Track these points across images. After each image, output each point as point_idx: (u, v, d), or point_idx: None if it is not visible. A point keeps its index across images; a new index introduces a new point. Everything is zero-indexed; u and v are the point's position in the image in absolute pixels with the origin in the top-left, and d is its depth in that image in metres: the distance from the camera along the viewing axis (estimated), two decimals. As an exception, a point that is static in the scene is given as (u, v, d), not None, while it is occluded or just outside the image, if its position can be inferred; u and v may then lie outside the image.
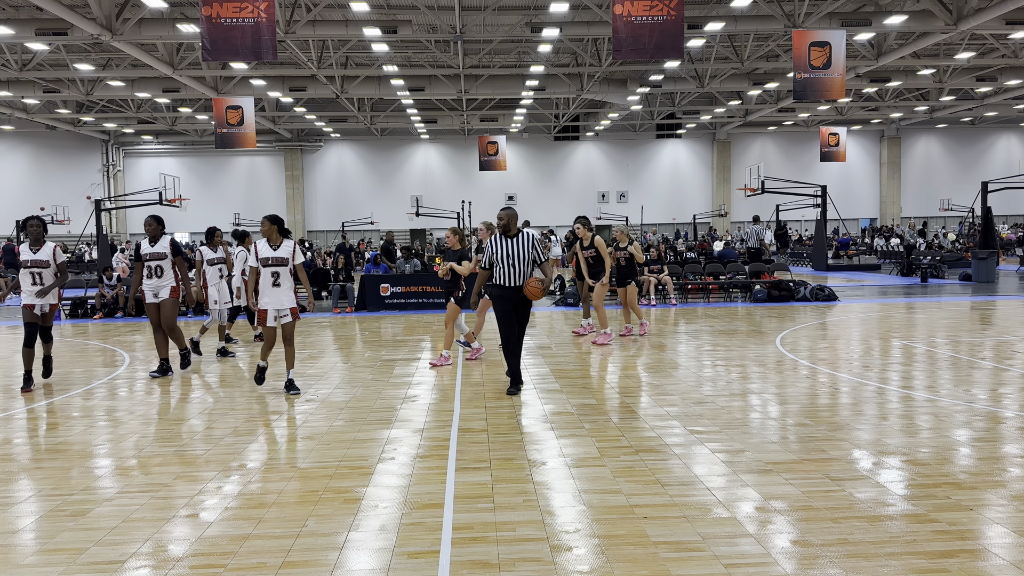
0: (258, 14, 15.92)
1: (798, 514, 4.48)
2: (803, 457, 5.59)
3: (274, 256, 8.13)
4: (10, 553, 4.14)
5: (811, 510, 4.53)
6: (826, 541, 4.09)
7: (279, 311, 8.19)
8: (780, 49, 28.04)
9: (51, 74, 27.26)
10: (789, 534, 4.20)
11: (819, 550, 3.98)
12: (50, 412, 7.65)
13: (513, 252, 7.98)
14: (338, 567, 3.90)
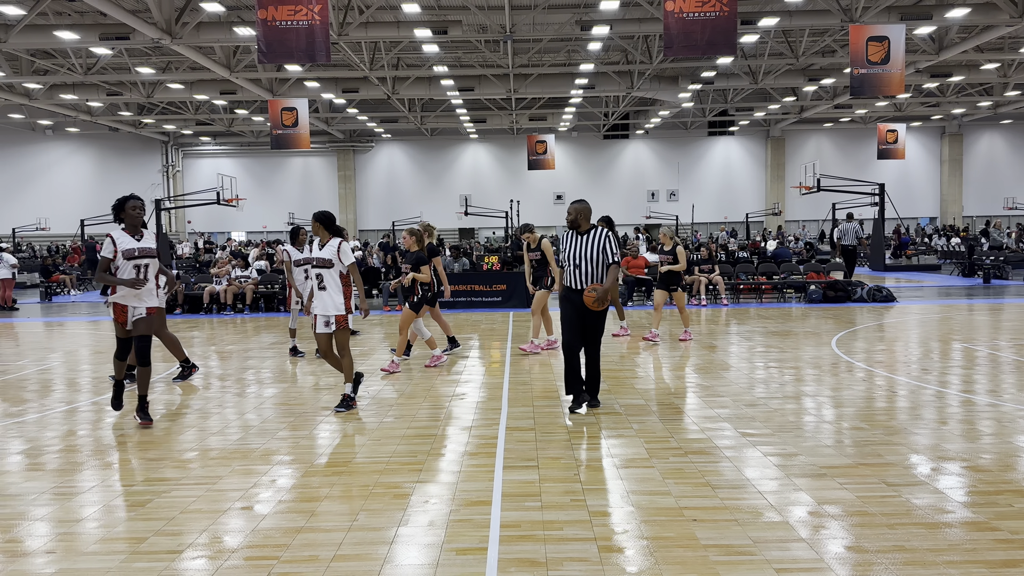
0: (312, 16, 16.18)
1: (853, 519, 4.39)
2: (858, 462, 5.47)
3: (318, 257, 7.37)
4: (74, 541, 4.29)
5: (866, 516, 4.44)
6: (882, 547, 4.00)
7: (326, 318, 7.36)
8: (836, 44, 27.43)
9: (114, 77, 28.11)
10: (843, 540, 4.12)
11: (874, 556, 3.90)
12: (109, 406, 7.89)
13: (582, 251, 7.03)
14: (388, 561, 3.95)
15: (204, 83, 30.34)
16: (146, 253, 6.90)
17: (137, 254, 6.82)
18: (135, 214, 6.89)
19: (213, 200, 31.83)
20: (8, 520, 4.62)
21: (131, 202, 6.91)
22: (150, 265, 6.95)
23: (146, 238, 6.94)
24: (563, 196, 45.65)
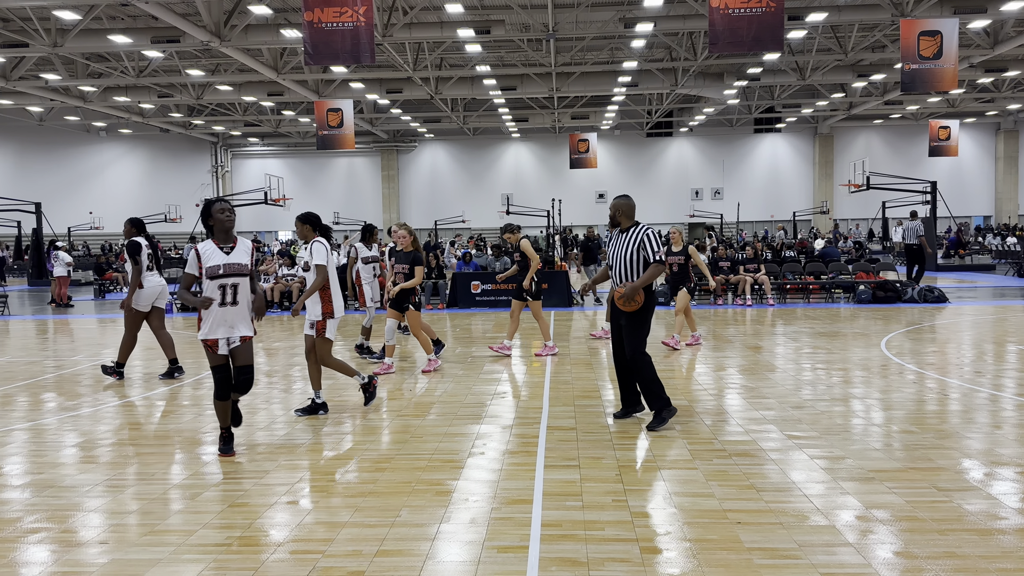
0: (357, 18, 16.35)
1: (902, 524, 4.29)
2: (908, 466, 5.35)
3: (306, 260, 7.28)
4: (125, 532, 4.40)
5: (916, 521, 4.34)
6: (932, 554, 3.91)
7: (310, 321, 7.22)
8: (887, 39, 26.84)
9: (165, 79, 28.77)
10: (892, 545, 4.03)
11: (924, 563, 3.81)
12: (161, 401, 8.09)
13: (619, 249, 6.66)
14: (430, 557, 3.98)
15: (252, 85, 30.88)
16: (235, 271, 5.67)
17: (222, 272, 5.62)
18: (223, 218, 5.75)
19: (261, 200, 32.38)
20: (63, 511, 4.76)
21: (218, 205, 5.80)
22: (240, 285, 5.70)
23: (237, 251, 5.74)
24: (605, 195, 45.43)
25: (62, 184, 44.32)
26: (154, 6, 18.62)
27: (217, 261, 5.66)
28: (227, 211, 5.80)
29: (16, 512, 4.76)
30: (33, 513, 4.73)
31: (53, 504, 4.88)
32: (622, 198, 6.78)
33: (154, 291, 9.34)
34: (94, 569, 3.90)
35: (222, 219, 5.73)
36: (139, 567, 3.92)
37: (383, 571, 3.83)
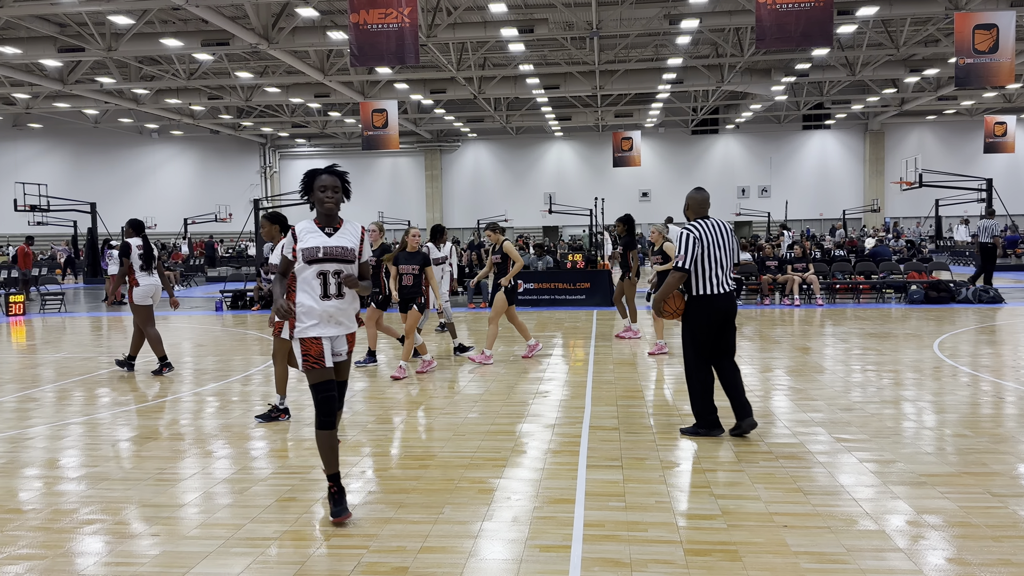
0: (402, 19, 16.48)
1: (954, 530, 4.18)
2: (961, 470, 5.22)
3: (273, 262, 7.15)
4: (176, 526, 4.51)
5: (969, 527, 4.22)
6: (986, 561, 3.80)
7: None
8: (940, 33, 26.15)
9: (214, 82, 29.36)
10: (944, 551, 3.93)
11: (977, 570, 3.71)
12: (211, 397, 8.26)
13: (723, 243, 6.03)
14: (473, 555, 4.00)
15: (299, 86, 31.35)
16: (336, 255, 4.51)
17: (321, 255, 4.48)
18: (323, 197, 4.53)
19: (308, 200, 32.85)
20: (116, 503, 4.89)
21: (320, 179, 4.54)
22: (344, 272, 4.53)
23: (342, 234, 4.58)
24: (648, 193, 45.10)
25: (116, 184, 45.50)
26: (204, 9, 19.01)
27: (315, 243, 4.50)
28: (327, 188, 4.52)
29: (72, 504, 4.90)
30: (88, 505, 4.87)
31: (107, 496, 5.02)
32: (693, 191, 6.23)
33: (148, 290, 9.68)
34: (146, 560, 4.01)
35: (322, 197, 4.52)
36: (189, 559, 4.01)
37: (427, 567, 3.86)
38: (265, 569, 3.88)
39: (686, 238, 5.97)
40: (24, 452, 6.17)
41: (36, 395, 8.44)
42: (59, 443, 6.42)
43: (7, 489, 5.23)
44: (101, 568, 3.93)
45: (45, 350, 11.84)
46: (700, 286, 6.03)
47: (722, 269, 6.01)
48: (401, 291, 9.00)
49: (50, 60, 24.53)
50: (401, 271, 9.01)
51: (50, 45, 23.26)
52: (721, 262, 6.01)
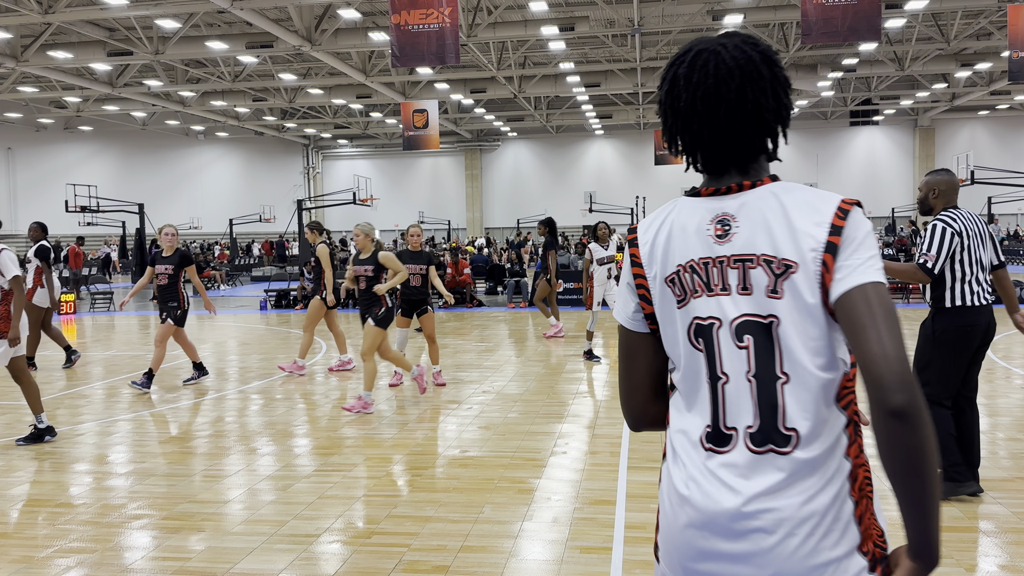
0: (443, 19, 16.54)
1: (1007, 536, 4.05)
2: (1016, 475, 5.06)
3: None
4: (221, 521, 4.57)
5: (1023, 533, 4.09)
6: (1043, 570, 3.68)
7: None
8: (992, 26, 25.43)
9: (259, 84, 29.81)
10: (996, 558, 3.81)
11: (1035, 580, 3.59)
12: (256, 395, 8.38)
13: (983, 240, 4.67)
14: (513, 555, 3.99)
15: (341, 88, 31.67)
16: None
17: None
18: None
19: (350, 200, 33.18)
20: (163, 499, 4.98)
21: None
22: None
23: None
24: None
25: (163, 185, 46.46)
26: (249, 12, 19.30)
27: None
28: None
29: (121, 499, 5.01)
30: (136, 500, 4.97)
31: (155, 492, 5.12)
32: (942, 174, 4.82)
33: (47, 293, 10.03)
34: (192, 555, 4.07)
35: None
36: (234, 555, 4.06)
37: (467, 567, 3.86)
38: (308, 565, 3.92)
39: (941, 230, 4.56)
40: (75, 448, 6.32)
41: (86, 392, 8.65)
42: (108, 439, 6.57)
43: (58, 484, 5.36)
44: (148, 562, 4.00)
45: (95, 348, 12.13)
46: (957, 295, 4.59)
47: (983, 272, 4.64)
48: (409, 292, 8.28)
49: (99, 64, 25.14)
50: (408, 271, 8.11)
51: (99, 49, 23.84)
52: (981, 263, 4.62)
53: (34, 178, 44.61)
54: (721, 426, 1.46)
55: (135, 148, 45.69)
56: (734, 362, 1.45)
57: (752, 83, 1.46)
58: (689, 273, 1.49)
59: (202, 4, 19.24)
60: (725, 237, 1.47)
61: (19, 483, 5.39)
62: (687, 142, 1.54)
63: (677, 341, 1.52)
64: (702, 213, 1.51)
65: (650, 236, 1.56)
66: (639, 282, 1.56)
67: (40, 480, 5.45)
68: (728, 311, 1.45)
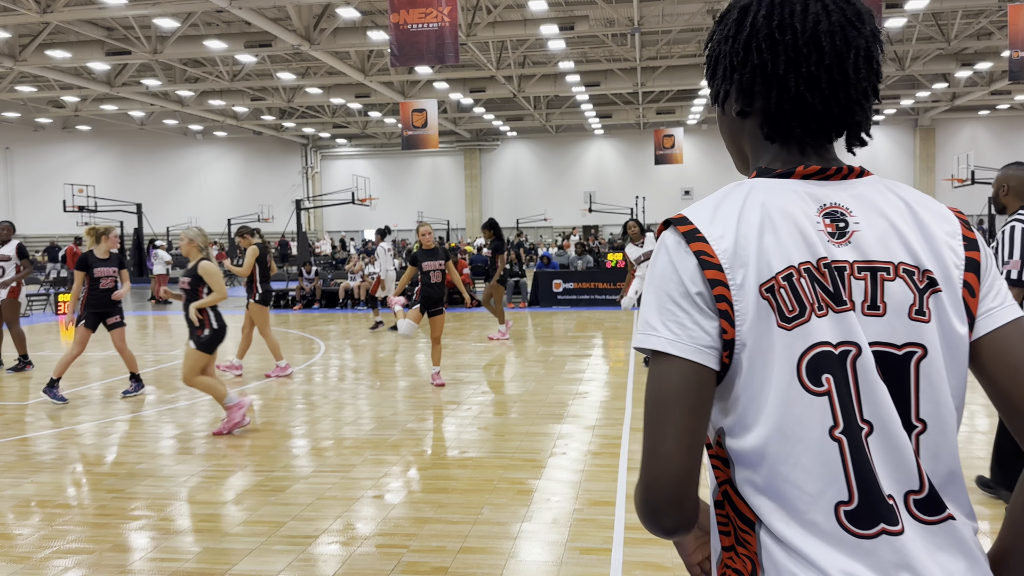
0: (442, 19, 16.53)
1: None
2: (1018, 476, 5.03)
3: None
4: (219, 523, 4.55)
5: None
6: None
7: None
8: (993, 26, 25.43)
9: (257, 83, 29.77)
10: None
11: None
12: (254, 395, 8.35)
13: None
14: (512, 556, 3.97)
15: (340, 87, 31.64)
16: None
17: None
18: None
19: (348, 200, 33.17)
20: (161, 500, 4.96)
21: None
22: None
23: None
24: (691, 191, 44.63)
25: (162, 185, 46.42)
26: (247, 11, 19.27)
27: None
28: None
29: (119, 500, 4.98)
30: (134, 501, 4.95)
31: (152, 493, 5.09)
32: (1014, 168, 4.61)
33: None
34: (190, 556, 4.05)
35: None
36: (232, 556, 4.04)
37: (466, 568, 3.84)
38: (306, 567, 3.90)
39: (1022, 233, 4.15)
40: (73, 448, 6.30)
41: (84, 392, 8.62)
42: (106, 440, 6.54)
43: (56, 484, 5.33)
44: (146, 563, 3.98)
45: (93, 348, 12.10)
46: None
47: None
48: (431, 290, 8.43)
49: (97, 63, 25.10)
50: (426, 269, 8.44)
51: (98, 49, 23.79)
52: None
53: (32, 178, 44.55)
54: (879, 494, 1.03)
55: (133, 148, 45.64)
56: (879, 404, 1.05)
57: (877, 37, 1.16)
58: (806, 279, 1.06)
59: (200, 3, 19.20)
60: (841, 236, 1.10)
61: (17, 483, 5.36)
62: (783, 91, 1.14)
63: (768, 380, 1.05)
64: (802, 200, 1.12)
65: (729, 226, 1.09)
66: (719, 292, 1.07)
67: (38, 480, 5.42)
68: (861, 335, 1.06)
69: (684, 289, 1.08)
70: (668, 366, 1.06)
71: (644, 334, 1.09)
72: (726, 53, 1.18)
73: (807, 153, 1.18)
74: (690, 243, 1.10)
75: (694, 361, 1.05)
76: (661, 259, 1.12)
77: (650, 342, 1.08)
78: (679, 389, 1.05)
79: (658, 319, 1.08)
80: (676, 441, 1.04)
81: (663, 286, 1.10)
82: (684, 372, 1.05)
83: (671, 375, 1.06)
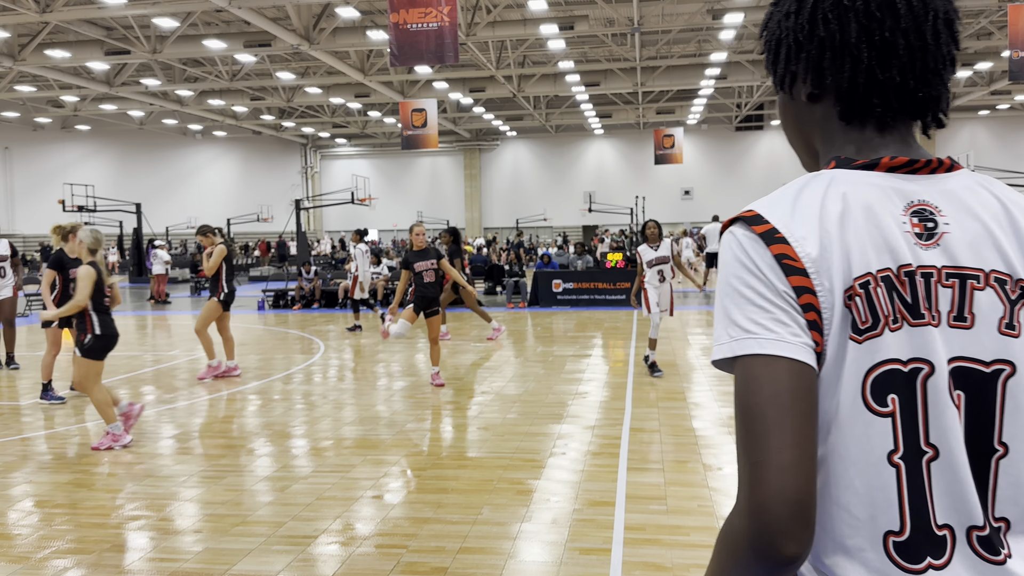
0: (441, 18, 16.51)
1: None
2: None
3: None
4: (219, 523, 4.54)
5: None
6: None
7: None
8: (993, 26, 25.43)
9: (257, 83, 29.77)
10: None
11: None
12: (253, 395, 8.34)
13: None
14: (512, 556, 3.96)
15: (340, 87, 31.63)
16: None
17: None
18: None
19: (348, 200, 33.16)
20: (160, 500, 4.95)
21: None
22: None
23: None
24: (691, 191, 44.65)
25: (161, 185, 46.41)
26: (247, 11, 19.26)
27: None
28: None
29: (118, 500, 4.98)
30: (133, 501, 4.94)
31: (152, 493, 5.09)
32: None
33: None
34: (189, 556, 4.04)
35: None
36: (231, 556, 4.03)
37: (466, 568, 3.83)
38: (306, 567, 3.89)
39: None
40: (72, 448, 6.29)
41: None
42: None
43: (55, 485, 5.33)
44: (145, 564, 3.97)
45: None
46: None
47: None
48: (425, 289, 8.35)
49: (97, 63, 25.09)
50: (418, 269, 8.32)
51: (97, 48, 23.78)
52: None
53: (31, 177, 44.53)
54: (931, 526, 0.95)
55: (133, 147, 45.63)
56: (947, 429, 0.96)
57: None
58: (883, 288, 0.96)
59: (200, 3, 19.19)
60: (929, 237, 0.99)
61: (17, 483, 5.36)
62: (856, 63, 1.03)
63: (834, 396, 0.96)
64: (887, 196, 1.01)
65: (812, 225, 0.98)
66: (806, 300, 0.95)
67: (37, 481, 5.41)
68: (939, 351, 0.96)
69: (773, 286, 0.95)
70: (773, 368, 0.93)
71: (737, 340, 0.96)
72: (789, 30, 1.08)
73: (890, 138, 1.06)
74: (769, 245, 0.98)
75: (804, 361, 0.93)
76: (736, 257, 0.99)
77: (748, 346, 0.94)
78: (793, 391, 0.92)
79: (747, 320, 0.96)
80: (797, 449, 0.90)
81: (746, 285, 0.97)
82: (796, 372, 0.93)
83: (780, 376, 0.92)
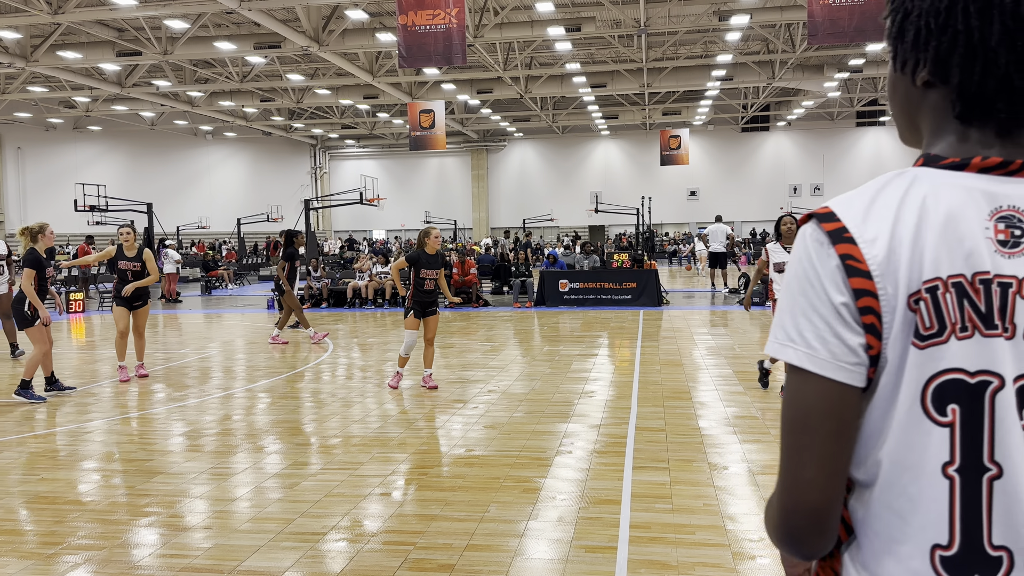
0: (449, 20, 16.56)
1: None
2: None
3: None
4: (228, 519, 4.60)
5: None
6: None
7: None
8: (1002, 25, 25.33)
9: (267, 84, 29.90)
10: None
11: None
12: (263, 393, 8.41)
13: None
14: (518, 554, 4.00)
15: (349, 88, 31.74)
16: None
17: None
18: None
19: (356, 200, 33.26)
20: (170, 497, 5.01)
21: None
22: None
23: None
24: (697, 192, 44.59)
25: (172, 185, 46.60)
26: (257, 13, 19.37)
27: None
28: None
29: (128, 497, 5.04)
30: (144, 498, 5.00)
31: (162, 490, 5.15)
32: None
33: None
34: (199, 553, 4.10)
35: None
36: (240, 553, 4.08)
37: (473, 565, 3.87)
38: (314, 563, 3.94)
39: None
40: (83, 445, 6.36)
41: (95, 390, 8.70)
42: (116, 437, 6.60)
43: (67, 481, 5.40)
44: (156, 560, 4.03)
45: (103, 346, 12.19)
46: None
47: None
48: (424, 296, 8.14)
49: (108, 64, 25.26)
50: (423, 275, 8.09)
51: (109, 50, 23.95)
52: None
53: (43, 177, 44.81)
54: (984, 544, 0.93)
55: (144, 148, 45.85)
56: (1013, 447, 0.92)
57: None
58: (952, 295, 0.93)
59: (211, 5, 19.31)
60: (1015, 246, 0.93)
61: (28, 480, 5.43)
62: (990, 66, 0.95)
63: (894, 401, 0.95)
64: (972, 199, 0.96)
65: (884, 227, 0.96)
66: (866, 303, 0.94)
67: (49, 478, 5.48)
68: (1007, 365, 0.92)
69: (826, 297, 0.95)
70: (808, 384, 0.95)
71: (780, 343, 0.98)
72: (922, 12, 0.98)
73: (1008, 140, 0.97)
74: (835, 244, 0.96)
75: (835, 380, 0.94)
76: (800, 258, 0.99)
77: (786, 354, 0.97)
78: (820, 412, 0.94)
79: (794, 328, 0.97)
80: (817, 469, 0.94)
81: (801, 291, 0.97)
82: (825, 393, 0.94)
83: (810, 395, 0.95)
